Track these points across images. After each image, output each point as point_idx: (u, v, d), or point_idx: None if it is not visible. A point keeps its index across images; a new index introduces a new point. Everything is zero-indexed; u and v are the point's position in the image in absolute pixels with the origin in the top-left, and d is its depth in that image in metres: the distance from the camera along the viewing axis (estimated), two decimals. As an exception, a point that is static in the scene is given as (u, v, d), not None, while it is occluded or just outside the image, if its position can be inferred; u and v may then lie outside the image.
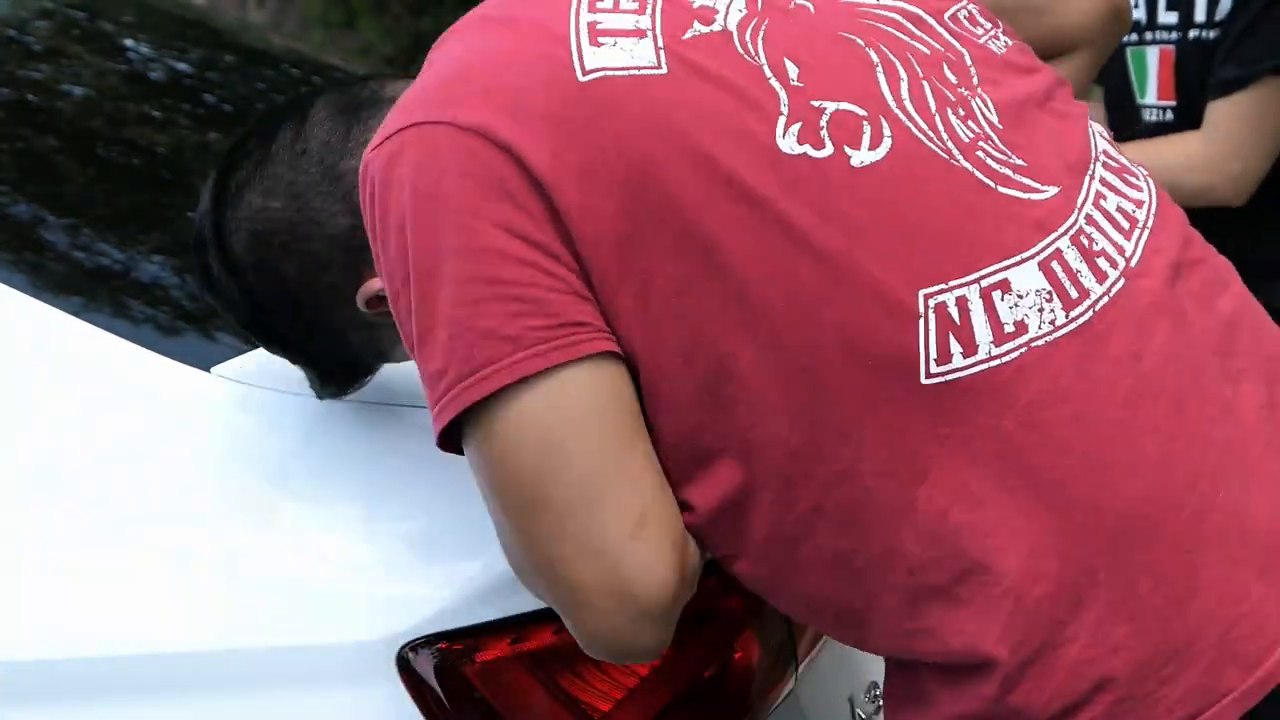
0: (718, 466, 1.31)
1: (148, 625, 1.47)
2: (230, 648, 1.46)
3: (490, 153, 1.28)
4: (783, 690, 1.60)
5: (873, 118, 1.33)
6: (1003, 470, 1.27)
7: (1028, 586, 1.27)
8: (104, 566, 1.50)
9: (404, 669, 1.43)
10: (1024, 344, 1.29)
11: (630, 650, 1.30)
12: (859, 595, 1.32)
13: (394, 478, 1.54)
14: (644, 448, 1.29)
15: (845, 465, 1.28)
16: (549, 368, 1.26)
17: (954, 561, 1.28)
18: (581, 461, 1.26)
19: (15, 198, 1.88)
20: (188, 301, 1.78)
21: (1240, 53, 2.63)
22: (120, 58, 2.36)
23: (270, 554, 1.51)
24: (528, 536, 1.28)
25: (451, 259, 1.27)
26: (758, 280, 1.27)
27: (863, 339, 1.27)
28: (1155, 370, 1.31)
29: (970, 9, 1.47)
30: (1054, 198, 1.34)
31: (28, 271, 1.72)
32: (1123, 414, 1.29)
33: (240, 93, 2.31)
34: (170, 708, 1.46)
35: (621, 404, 1.28)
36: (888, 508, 1.28)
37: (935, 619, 1.29)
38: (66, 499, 1.55)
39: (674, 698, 1.49)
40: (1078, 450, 1.27)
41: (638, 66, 1.32)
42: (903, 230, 1.29)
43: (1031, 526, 1.27)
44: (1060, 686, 1.27)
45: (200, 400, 1.58)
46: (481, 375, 1.26)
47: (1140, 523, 1.27)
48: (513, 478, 1.27)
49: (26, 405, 1.58)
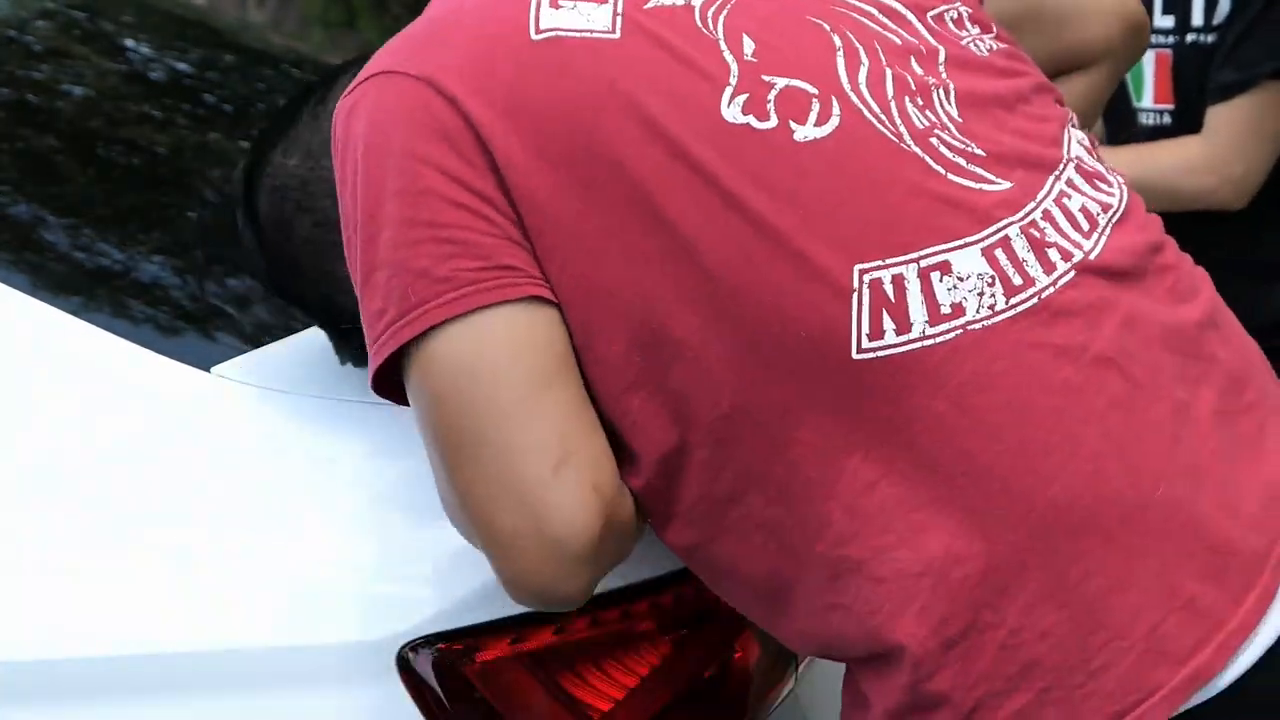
0: (649, 424, 1.32)
1: (148, 625, 1.47)
2: (230, 648, 1.46)
3: (438, 102, 1.31)
4: (783, 690, 1.60)
5: (823, 96, 1.34)
6: (931, 450, 1.27)
7: (950, 567, 1.27)
8: (104, 566, 1.50)
9: (404, 669, 1.43)
10: (960, 326, 1.29)
11: (551, 595, 1.30)
12: (783, 565, 1.32)
13: (394, 478, 1.54)
14: (571, 391, 1.30)
15: (775, 432, 1.29)
16: (476, 309, 1.28)
17: (876, 537, 1.28)
18: (502, 401, 1.27)
19: (15, 198, 1.88)
20: (188, 301, 1.78)
21: (1239, 56, 2.63)
22: (120, 58, 2.36)
23: (270, 554, 1.51)
24: (455, 476, 1.29)
25: (392, 201, 1.30)
26: (698, 243, 1.29)
27: (795, 309, 1.28)
28: (1101, 362, 1.30)
29: (961, 11, 1.48)
30: (1008, 190, 1.34)
31: (28, 271, 1.71)
32: (1061, 402, 1.28)
33: (240, 93, 2.31)
34: (170, 708, 1.46)
35: (547, 347, 1.30)
36: (816, 479, 1.29)
37: (853, 594, 1.29)
38: (66, 499, 1.55)
39: (674, 698, 1.49)
40: (1010, 436, 1.27)
41: (591, 30, 1.34)
42: (841, 206, 1.30)
43: (957, 508, 1.27)
44: (986, 670, 1.27)
45: (200, 400, 1.58)
46: (413, 316, 1.28)
47: (1072, 512, 1.27)
48: (441, 417, 1.29)
49: (26, 405, 1.58)
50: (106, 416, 1.58)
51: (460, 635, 1.43)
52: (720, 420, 1.30)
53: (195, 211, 1.95)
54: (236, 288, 1.82)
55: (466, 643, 1.44)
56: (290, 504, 1.53)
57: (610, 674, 1.47)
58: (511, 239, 1.30)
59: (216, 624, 1.46)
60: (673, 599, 1.49)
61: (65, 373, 1.62)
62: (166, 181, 2.01)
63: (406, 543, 1.50)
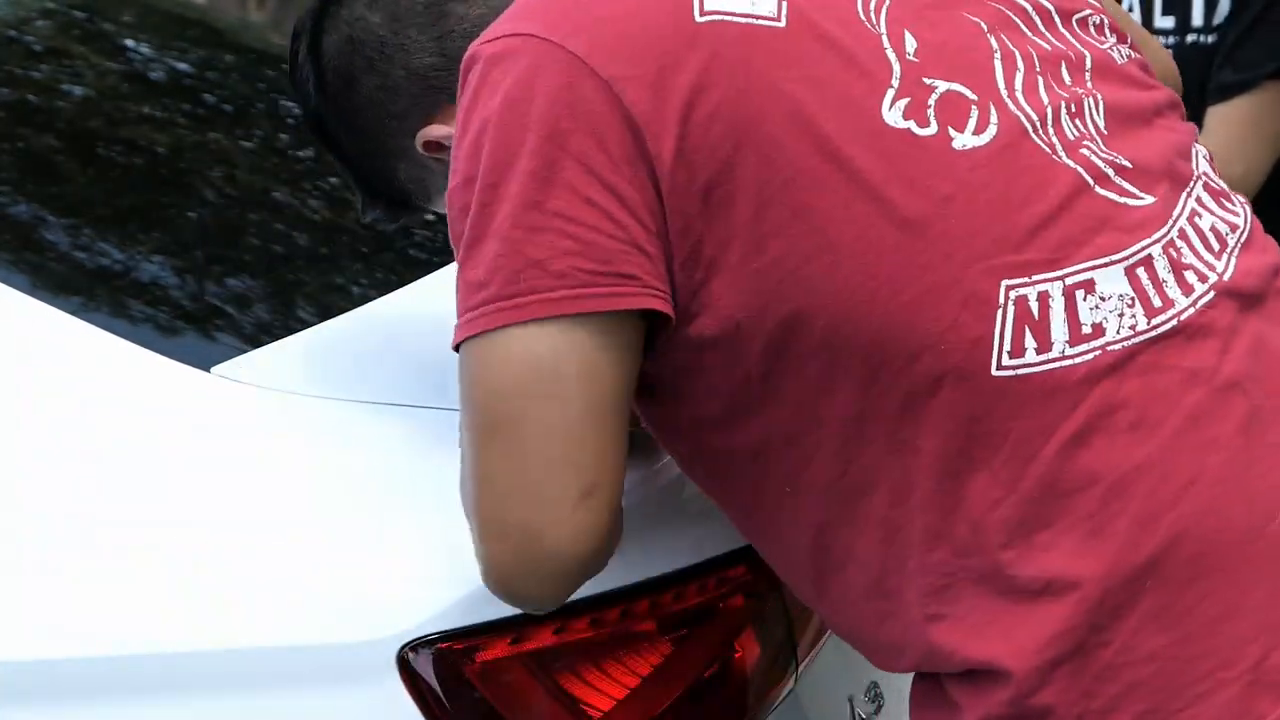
0: (773, 414, 1.32)
1: (148, 625, 1.47)
2: (230, 648, 1.45)
3: (590, 85, 1.27)
4: (783, 690, 1.60)
5: (982, 103, 1.32)
6: (1058, 469, 1.27)
7: (1068, 588, 1.26)
8: (104, 566, 1.50)
9: (404, 669, 1.43)
10: (1099, 347, 1.28)
11: (527, 598, 1.31)
12: (896, 566, 1.32)
13: (394, 477, 1.54)
14: (622, 422, 1.30)
15: (905, 439, 1.29)
16: (578, 314, 1.26)
17: (996, 553, 1.28)
18: (559, 415, 1.26)
19: (15, 198, 1.88)
20: (188, 301, 1.78)
21: (1239, 57, 2.63)
22: (120, 58, 2.36)
23: (270, 554, 1.51)
24: (481, 455, 1.29)
25: (522, 179, 1.26)
26: (845, 247, 1.27)
27: (937, 321, 1.27)
28: (1229, 387, 1.30)
29: (1103, 19, 1.47)
30: (1151, 205, 1.34)
31: (28, 271, 1.71)
32: (1187, 426, 1.28)
33: (240, 93, 2.31)
34: (170, 708, 1.46)
35: (620, 374, 1.29)
36: (940, 489, 1.29)
37: (965, 607, 1.29)
38: (66, 499, 1.55)
39: (674, 698, 1.49)
40: (1136, 459, 1.27)
41: (757, 15, 1.31)
42: (995, 218, 1.29)
43: (1079, 529, 1.27)
44: (1090, 688, 1.26)
45: (200, 400, 1.58)
46: (523, 301, 1.26)
47: (1190, 538, 1.26)
48: (492, 404, 1.28)
49: (27, 405, 1.58)
50: (106, 416, 1.58)
51: (460, 635, 1.43)
52: (849, 422, 1.30)
53: (195, 211, 1.95)
54: (236, 288, 1.82)
55: (466, 643, 1.44)
56: (290, 504, 1.53)
57: (610, 674, 1.47)
58: (637, 244, 1.27)
59: (216, 624, 1.46)
60: (673, 599, 1.49)
61: (65, 373, 1.61)
62: (166, 181, 2.01)
63: (406, 543, 1.50)
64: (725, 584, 1.47)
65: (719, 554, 1.51)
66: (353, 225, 1.99)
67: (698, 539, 1.52)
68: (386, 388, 1.59)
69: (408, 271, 1.83)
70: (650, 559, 1.47)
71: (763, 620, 1.54)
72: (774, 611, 1.48)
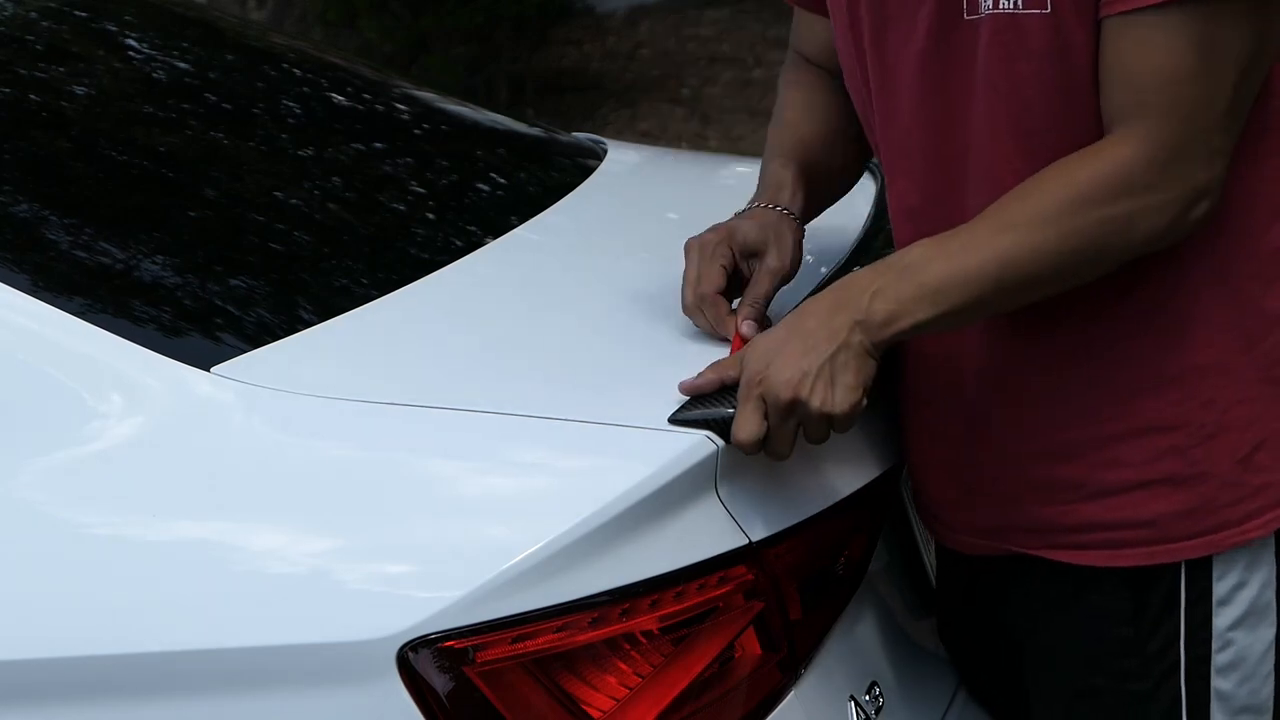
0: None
1: (148, 624, 1.47)
2: (230, 647, 1.46)
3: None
4: (783, 690, 1.60)
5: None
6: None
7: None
8: (104, 566, 1.50)
9: (404, 669, 1.43)
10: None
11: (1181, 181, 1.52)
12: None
13: (395, 477, 1.54)
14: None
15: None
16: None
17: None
18: (1247, 84, 1.52)
19: (15, 198, 1.88)
20: (188, 301, 1.78)
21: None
22: (120, 58, 2.36)
23: (270, 553, 1.51)
24: (1212, 102, 1.50)
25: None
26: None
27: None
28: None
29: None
30: None
31: (28, 271, 1.71)
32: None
33: (240, 93, 2.31)
34: (170, 707, 1.46)
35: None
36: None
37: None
38: (66, 499, 1.55)
39: (674, 698, 1.49)
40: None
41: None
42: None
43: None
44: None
45: (200, 400, 1.58)
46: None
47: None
48: (1229, 69, 1.50)
49: (27, 405, 1.58)
50: (106, 416, 1.58)
51: (460, 635, 1.43)
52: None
53: (195, 211, 1.95)
54: (236, 288, 1.82)
55: (467, 642, 1.44)
56: (290, 504, 1.53)
57: (611, 674, 1.47)
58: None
59: (216, 623, 1.46)
60: (673, 599, 1.49)
61: (65, 373, 1.61)
62: (166, 181, 2.01)
63: (407, 542, 1.50)
64: (726, 584, 1.47)
65: (719, 554, 1.51)
66: (353, 225, 2.00)
67: (698, 539, 1.52)
68: (387, 388, 1.59)
69: (408, 271, 1.83)
70: (651, 559, 1.47)
71: (763, 620, 1.54)
72: (773, 612, 1.48)
